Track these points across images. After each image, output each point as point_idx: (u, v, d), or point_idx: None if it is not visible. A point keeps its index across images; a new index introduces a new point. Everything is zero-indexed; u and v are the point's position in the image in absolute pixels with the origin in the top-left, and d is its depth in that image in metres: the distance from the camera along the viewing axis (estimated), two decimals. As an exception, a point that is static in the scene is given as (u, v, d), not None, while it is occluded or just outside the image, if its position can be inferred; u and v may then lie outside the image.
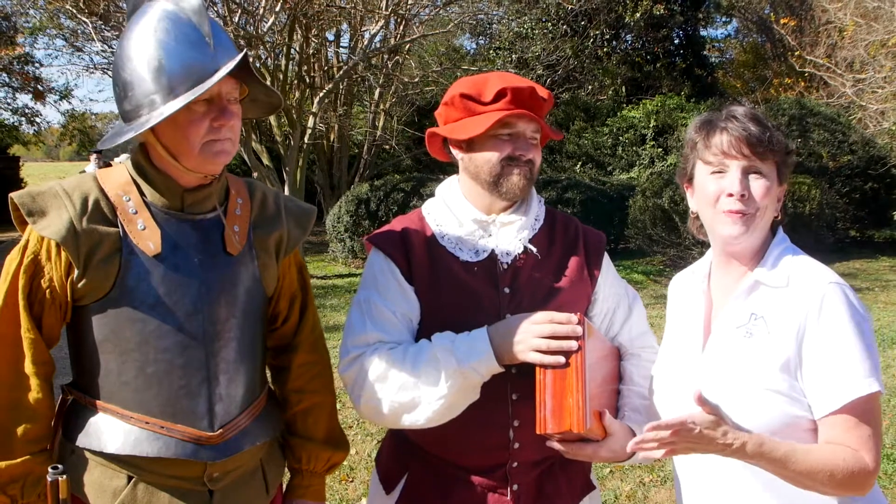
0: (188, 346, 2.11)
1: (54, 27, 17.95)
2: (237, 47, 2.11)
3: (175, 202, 2.14)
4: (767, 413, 1.97)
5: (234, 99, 2.10)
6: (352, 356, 2.29)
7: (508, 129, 2.29)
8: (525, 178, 2.31)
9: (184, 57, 2.00)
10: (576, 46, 21.39)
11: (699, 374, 2.13)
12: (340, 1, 12.83)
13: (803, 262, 2.09)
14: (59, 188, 2.07)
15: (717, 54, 33.93)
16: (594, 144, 20.95)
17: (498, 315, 2.27)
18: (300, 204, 2.49)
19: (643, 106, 20.98)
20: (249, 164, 14.07)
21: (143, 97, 2.03)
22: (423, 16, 16.12)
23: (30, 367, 2.04)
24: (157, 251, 2.09)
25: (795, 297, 2.01)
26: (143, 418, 2.09)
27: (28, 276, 2.03)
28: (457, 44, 25.30)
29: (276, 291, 2.37)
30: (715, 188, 2.08)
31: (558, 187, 15.74)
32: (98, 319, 2.08)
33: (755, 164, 2.06)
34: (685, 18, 25.46)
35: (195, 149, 2.04)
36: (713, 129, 2.11)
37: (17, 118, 28.45)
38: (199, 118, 2.02)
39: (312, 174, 20.08)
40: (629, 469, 5.55)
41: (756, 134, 2.04)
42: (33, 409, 2.04)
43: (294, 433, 2.44)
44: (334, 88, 15.16)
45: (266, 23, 13.17)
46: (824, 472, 1.88)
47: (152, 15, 2.05)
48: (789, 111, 17.54)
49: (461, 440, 2.31)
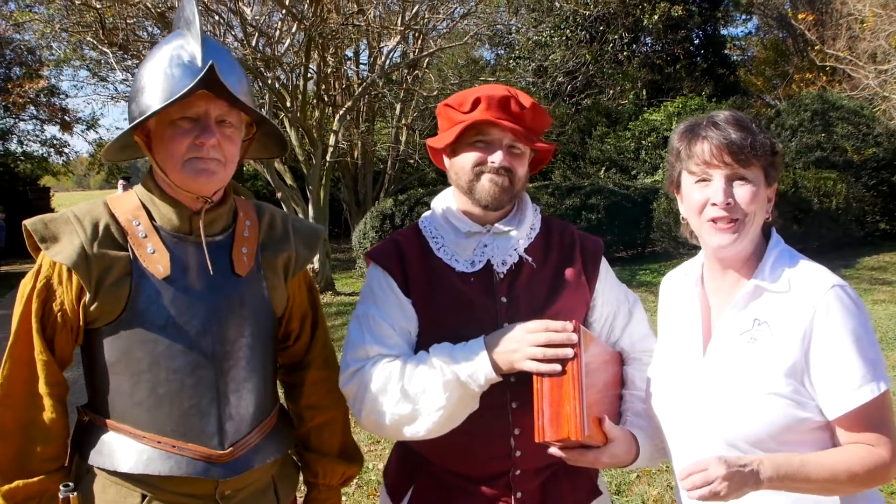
0: (198, 366, 2.16)
1: (78, 58, 18.20)
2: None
3: (183, 225, 2.20)
4: (769, 415, 1.98)
5: (229, 123, 2.16)
6: (352, 370, 2.32)
7: (482, 136, 2.31)
8: (498, 186, 2.31)
9: (173, 77, 2.09)
10: (595, 52, 21.33)
11: (701, 378, 2.13)
12: (355, 19, 12.91)
13: (802, 265, 2.09)
14: (70, 214, 2.14)
15: (738, 52, 33.71)
16: (617, 149, 20.88)
17: (495, 325, 2.28)
18: (308, 225, 2.55)
19: (664, 108, 20.89)
20: (273, 185, 14.18)
21: (137, 109, 2.14)
22: (441, 29, 16.16)
23: (44, 387, 2.10)
24: (167, 274, 2.14)
25: (799, 302, 2.00)
26: (155, 437, 2.14)
27: (41, 300, 2.10)
28: (476, 55, 25.35)
29: (286, 311, 2.42)
30: (700, 197, 2.07)
31: (582, 194, 15.70)
32: (110, 341, 2.14)
33: (739, 171, 2.04)
34: (704, 18, 25.37)
35: (178, 164, 2.11)
36: (695, 138, 2.09)
37: (46, 149, 29.00)
38: (181, 133, 2.09)
39: (338, 192, 20.20)
40: (656, 473, 5.53)
41: (737, 141, 2.02)
42: (48, 428, 2.11)
43: (309, 448, 2.50)
44: (354, 106, 15.25)
45: (283, 44, 13.31)
46: (844, 473, 1.92)
47: (165, 42, 2.19)
48: (811, 106, 17.37)
49: (463, 450, 2.33)
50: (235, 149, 2.21)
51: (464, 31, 16.50)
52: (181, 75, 2.08)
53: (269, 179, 14.36)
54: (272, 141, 2.40)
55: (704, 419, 2.08)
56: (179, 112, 2.08)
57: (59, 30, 12.99)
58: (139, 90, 2.15)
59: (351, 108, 15.03)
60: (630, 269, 15.05)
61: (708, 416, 2.07)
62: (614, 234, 15.56)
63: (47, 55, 21.34)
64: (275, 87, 13.30)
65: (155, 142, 2.15)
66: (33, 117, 27.41)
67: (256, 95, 15.81)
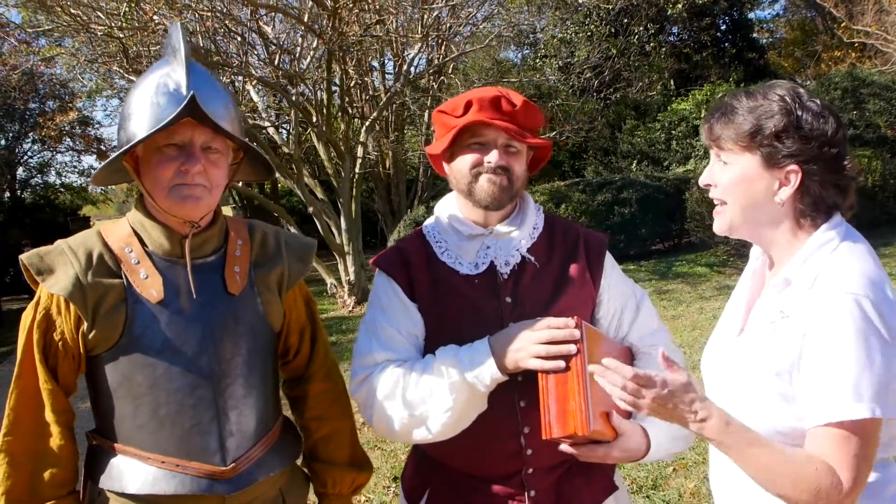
0: (197, 385, 2.21)
1: (108, 88, 18.49)
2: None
3: (174, 249, 2.25)
4: (776, 416, 1.92)
5: (214, 150, 2.20)
6: (361, 377, 2.36)
7: (476, 138, 2.34)
8: (496, 185, 2.33)
9: (158, 105, 2.13)
10: (620, 45, 21.22)
11: (732, 359, 2.08)
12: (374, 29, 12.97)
13: (836, 262, 1.91)
14: (65, 246, 2.20)
15: (767, 35, 33.35)
16: (647, 141, 20.75)
17: (501, 325, 2.30)
18: (301, 239, 2.59)
19: (692, 97, 20.73)
20: (304, 200, 14.28)
21: (125, 136, 2.19)
22: (464, 32, 16.17)
23: (50, 415, 2.16)
24: (161, 298, 2.19)
25: (813, 301, 1.86)
26: (160, 458, 2.19)
27: (41, 331, 2.16)
28: (502, 57, 25.31)
29: (284, 326, 2.46)
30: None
31: (613, 188, 15.61)
32: (111, 367, 2.19)
33: (720, 151, 2.02)
34: (730, 3, 25.12)
35: (165, 189, 2.15)
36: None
37: (84, 179, 29.47)
38: (167, 160, 2.14)
39: (372, 202, 20.29)
40: (693, 466, 5.49)
41: (713, 118, 2.02)
42: (57, 455, 2.16)
43: (317, 459, 2.54)
44: (380, 116, 15.32)
45: (305, 60, 13.41)
46: (788, 477, 1.79)
47: (152, 71, 2.24)
48: (841, 84, 17.15)
49: (474, 451, 2.35)
50: (221, 173, 2.25)
51: (487, 33, 16.49)
52: (166, 103, 2.13)
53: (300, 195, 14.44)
54: (259, 164, 2.44)
55: (728, 400, 2.01)
56: (165, 139, 2.13)
57: (86, 62, 13.20)
58: (126, 117, 2.20)
59: (377, 119, 15.09)
60: (667, 260, 14.96)
61: (730, 398, 2.02)
62: (648, 227, 15.46)
63: (79, 87, 21.71)
64: (299, 102, 13.39)
65: (143, 167, 2.20)
66: (70, 149, 28.01)
67: (285, 112, 15.96)
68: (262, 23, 12.88)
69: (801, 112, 1.93)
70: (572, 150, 22.96)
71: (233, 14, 11.75)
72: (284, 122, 16.79)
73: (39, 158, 28.44)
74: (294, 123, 14.62)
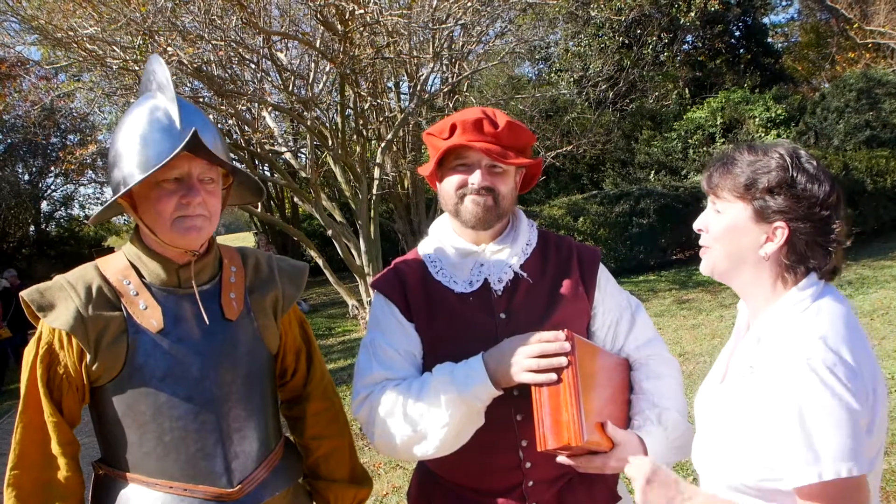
0: (199, 411, 2.26)
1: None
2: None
3: (171, 279, 2.31)
4: (746, 466, 1.89)
5: (210, 179, 2.26)
6: (362, 396, 2.40)
7: (461, 160, 2.39)
8: (481, 206, 2.38)
9: (155, 141, 2.18)
10: (634, 56, 21.22)
11: (714, 405, 2.08)
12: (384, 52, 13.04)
13: (800, 324, 1.90)
14: (63, 281, 2.25)
15: (781, 39, 33.22)
16: (664, 151, 20.72)
17: (495, 341, 2.32)
18: (293, 263, 2.64)
19: (707, 104, 20.67)
20: (323, 223, 14.33)
21: (120, 175, 2.22)
22: (478, 50, 16.23)
23: (56, 448, 2.20)
24: (161, 327, 2.25)
25: (772, 364, 1.85)
26: (167, 483, 2.24)
27: (45, 365, 2.21)
28: (517, 73, 25.35)
29: (280, 348, 2.52)
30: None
31: (631, 199, 15.60)
32: (115, 397, 2.24)
33: (716, 199, 2.05)
34: (743, 10, 25.08)
35: (167, 223, 2.21)
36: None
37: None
38: (167, 194, 2.19)
39: (392, 223, 20.33)
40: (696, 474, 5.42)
41: (714, 168, 2.05)
42: (64, 486, 2.21)
43: (319, 477, 2.60)
44: (395, 137, 15.37)
45: (318, 85, 13.49)
46: None
47: (137, 106, 2.28)
48: (856, 86, 17.07)
49: (474, 465, 2.39)
50: (218, 202, 2.31)
51: (499, 50, 16.54)
52: (161, 139, 2.18)
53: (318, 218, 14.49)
54: (248, 188, 2.49)
55: (710, 445, 2.03)
56: (163, 174, 2.18)
57: (104, 95, 13.35)
58: (118, 156, 2.23)
59: (393, 140, 15.14)
60: (687, 269, 14.88)
61: (711, 443, 2.03)
62: (668, 237, 15.43)
63: (100, 119, 21.93)
64: (314, 127, 13.48)
65: (140, 203, 2.24)
66: (92, 181, 28.26)
67: (302, 136, 16.04)
68: (275, 49, 12.99)
69: (797, 172, 1.94)
70: (590, 163, 22.95)
71: (245, 42, 11.85)
72: (302, 146, 16.89)
73: (63, 191, 28.81)
74: (310, 148, 14.70)
